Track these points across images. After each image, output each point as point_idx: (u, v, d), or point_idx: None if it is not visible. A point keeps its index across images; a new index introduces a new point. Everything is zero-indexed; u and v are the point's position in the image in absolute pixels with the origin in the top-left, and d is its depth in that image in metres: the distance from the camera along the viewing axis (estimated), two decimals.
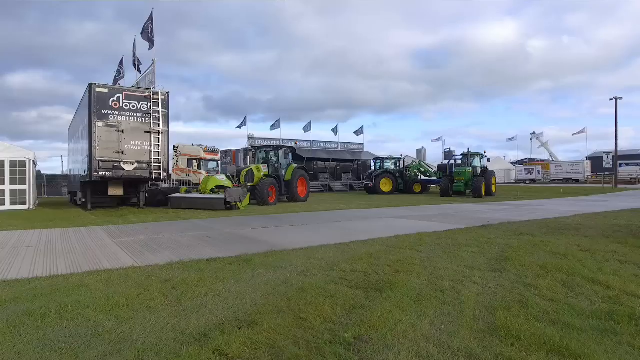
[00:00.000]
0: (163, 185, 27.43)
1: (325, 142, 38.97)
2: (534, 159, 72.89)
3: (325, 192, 33.53)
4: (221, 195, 15.14)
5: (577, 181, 54.93)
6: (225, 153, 38.67)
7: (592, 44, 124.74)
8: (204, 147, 28.73)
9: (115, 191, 15.90)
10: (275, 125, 35.92)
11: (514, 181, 60.43)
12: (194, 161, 27.66)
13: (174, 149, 28.85)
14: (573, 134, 64.90)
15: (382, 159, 31.34)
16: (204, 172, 26.06)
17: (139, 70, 16.23)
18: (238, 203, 15.53)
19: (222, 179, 16.86)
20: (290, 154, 20.74)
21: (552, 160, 67.29)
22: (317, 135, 37.75)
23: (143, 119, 14.21)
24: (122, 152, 13.88)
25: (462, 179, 25.29)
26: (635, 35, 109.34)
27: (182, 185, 22.91)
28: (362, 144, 41.46)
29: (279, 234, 8.62)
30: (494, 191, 26.37)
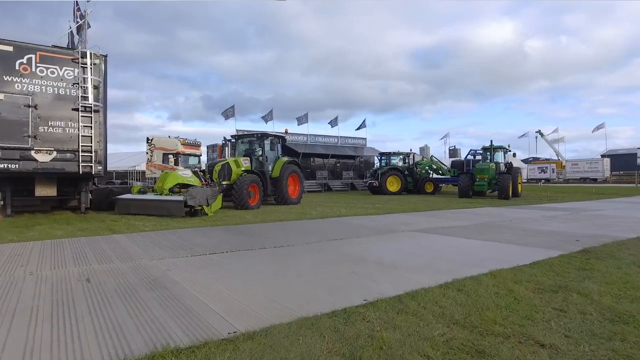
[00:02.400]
0: (137, 183, 23.41)
1: (324, 136, 34.93)
2: (539, 158, 69.16)
3: (324, 191, 29.58)
4: (180, 197, 11.17)
5: (595, 180, 51.08)
6: (212, 148, 34.67)
7: (590, 44, 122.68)
8: (182, 140, 24.80)
9: (45, 191, 11.92)
10: (268, 117, 31.92)
11: (525, 180, 56.47)
12: (170, 156, 23.70)
13: (147, 142, 25.06)
14: (592, 131, 60.85)
15: (389, 154, 27.30)
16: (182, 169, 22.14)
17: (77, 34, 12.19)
18: (205, 207, 11.57)
19: (186, 175, 12.88)
20: (279, 145, 16.75)
21: (559, 159, 63.40)
22: (315, 132, 33.73)
23: (67, 90, 10.22)
24: (35, 137, 9.88)
25: (485, 176, 21.31)
26: (633, 36, 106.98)
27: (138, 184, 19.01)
28: (365, 139, 37.46)
29: (226, 275, 4.64)
30: (520, 191, 22.48)
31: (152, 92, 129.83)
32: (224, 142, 16.34)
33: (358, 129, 36.76)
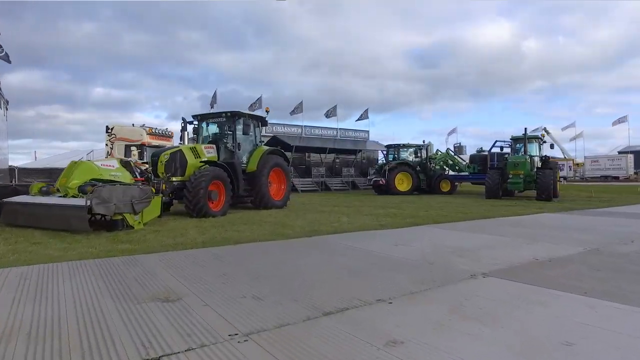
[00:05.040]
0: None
1: (322, 127, 30.64)
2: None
3: (321, 191, 25.36)
4: (80, 202, 6.93)
5: (616, 178, 46.97)
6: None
7: (587, 45, 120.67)
8: (148, 129, 20.59)
9: None
10: (256, 105, 27.64)
11: None
12: (134, 148, 19.44)
13: (107, 132, 20.86)
14: (613, 124, 56.46)
15: (398, 147, 22.99)
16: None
17: None
18: (128, 216, 7.37)
19: (108, 166, 8.61)
20: (257, 129, 12.51)
21: (564, 157, 59.16)
22: (311, 124, 29.55)
23: None
24: None
25: (521, 172, 17.04)
26: (629, 36, 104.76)
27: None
28: (368, 132, 33.11)
29: None
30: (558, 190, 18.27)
31: (151, 92, 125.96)
32: (183, 124, 12.10)
33: (359, 119, 32.39)
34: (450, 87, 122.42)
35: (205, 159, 10.73)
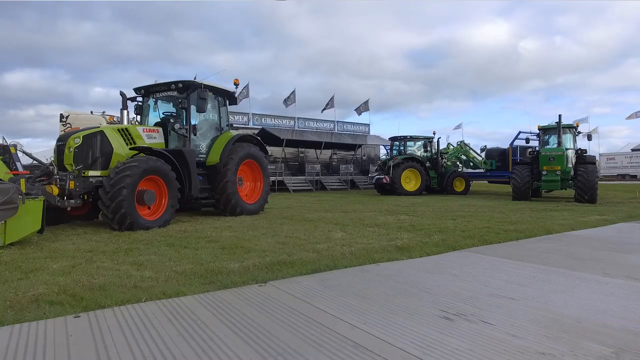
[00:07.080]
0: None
1: (317, 120, 27.44)
2: None
3: (315, 190, 22.22)
4: None
5: (634, 177, 43.91)
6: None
7: (583, 45, 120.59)
8: (109, 118, 17.38)
9: None
10: (243, 94, 24.41)
11: None
12: None
13: (61, 121, 17.71)
14: (626, 118, 53.21)
15: (404, 139, 19.75)
16: None
17: None
18: None
19: None
20: (223, 108, 9.35)
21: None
22: (305, 116, 26.35)
23: None
24: None
25: (557, 168, 13.87)
26: (625, 36, 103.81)
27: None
28: (368, 125, 29.89)
29: None
30: None
31: None
32: (123, 101, 8.94)
33: (359, 110, 29.14)
34: (448, 87, 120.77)
35: (144, 146, 7.58)
